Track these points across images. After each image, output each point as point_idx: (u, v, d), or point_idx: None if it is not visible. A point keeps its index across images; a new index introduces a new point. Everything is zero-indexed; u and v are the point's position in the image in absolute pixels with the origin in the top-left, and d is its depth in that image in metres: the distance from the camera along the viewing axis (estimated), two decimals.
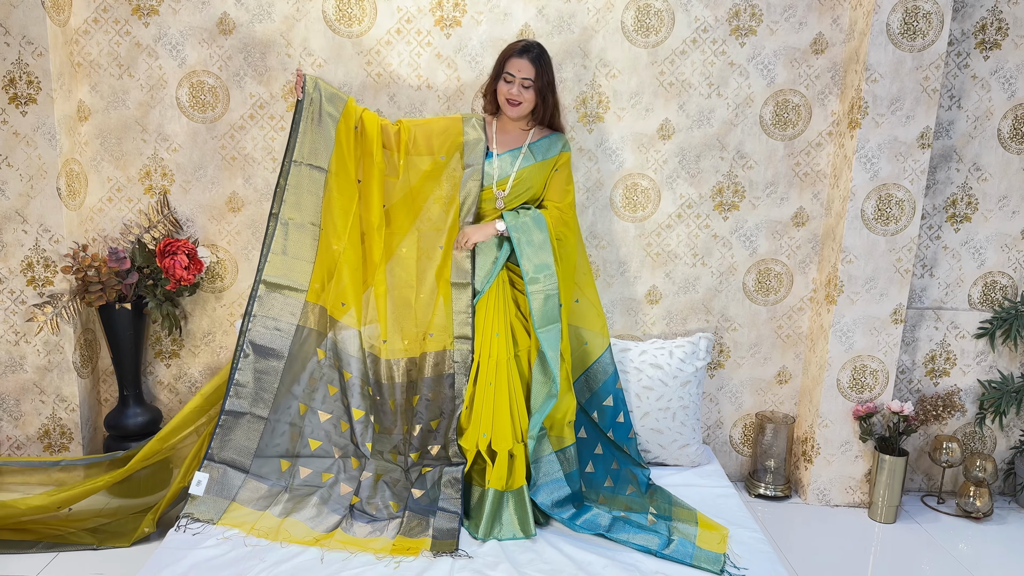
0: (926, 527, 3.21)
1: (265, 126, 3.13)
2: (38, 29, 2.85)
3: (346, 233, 2.74)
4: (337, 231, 2.74)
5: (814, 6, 3.11)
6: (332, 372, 2.75)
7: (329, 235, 2.74)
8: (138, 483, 2.83)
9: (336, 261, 2.74)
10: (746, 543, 2.52)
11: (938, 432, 3.45)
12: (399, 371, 2.80)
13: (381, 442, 2.76)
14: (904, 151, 3.07)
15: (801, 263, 3.34)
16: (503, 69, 2.76)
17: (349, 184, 2.75)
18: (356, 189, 2.77)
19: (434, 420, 2.77)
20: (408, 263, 2.83)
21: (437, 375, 2.77)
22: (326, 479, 2.66)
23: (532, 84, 2.74)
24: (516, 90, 2.75)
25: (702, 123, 3.20)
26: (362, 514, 2.54)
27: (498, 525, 2.50)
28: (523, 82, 2.74)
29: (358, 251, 2.77)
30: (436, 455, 2.72)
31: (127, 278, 2.98)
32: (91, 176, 3.15)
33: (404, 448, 2.77)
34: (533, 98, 2.77)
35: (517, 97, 2.76)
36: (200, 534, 2.39)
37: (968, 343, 3.39)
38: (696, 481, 3.00)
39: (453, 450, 2.70)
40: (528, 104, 2.78)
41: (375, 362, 2.79)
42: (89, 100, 3.09)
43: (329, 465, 2.70)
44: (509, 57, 2.74)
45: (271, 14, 3.05)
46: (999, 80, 3.19)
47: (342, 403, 2.75)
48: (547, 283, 2.71)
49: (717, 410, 3.47)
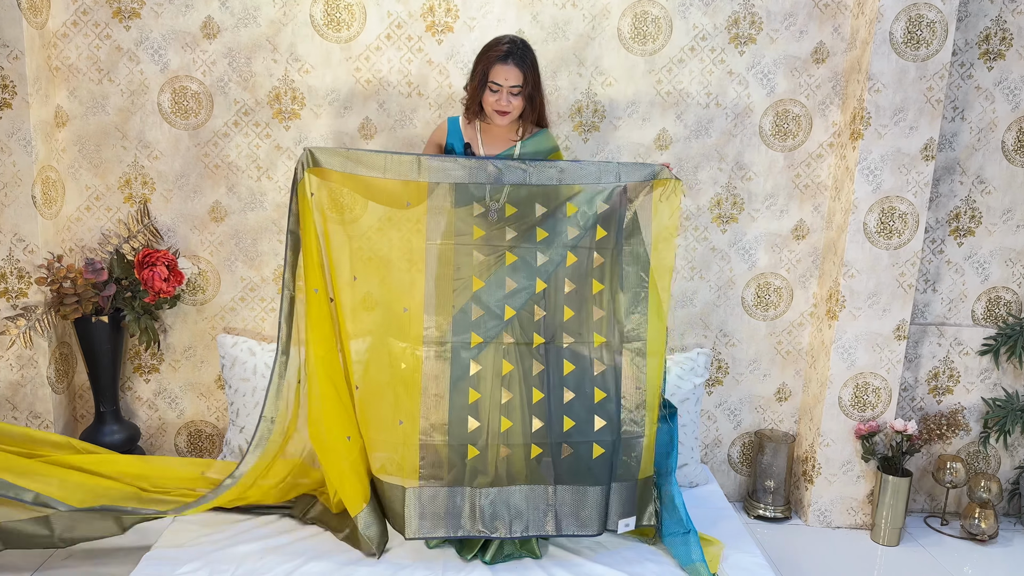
0: (930, 550, 3.12)
1: (250, 133, 3.03)
2: (14, 31, 2.74)
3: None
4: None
5: (815, 14, 3.04)
6: None
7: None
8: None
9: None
10: (745, 567, 2.44)
11: (941, 451, 3.36)
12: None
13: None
14: (907, 163, 3.00)
15: (801, 277, 3.26)
16: (487, 79, 2.49)
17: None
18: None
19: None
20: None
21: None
22: None
23: (521, 90, 2.50)
24: (504, 100, 2.49)
25: (700, 133, 3.12)
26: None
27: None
28: (511, 90, 2.48)
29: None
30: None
31: (104, 290, 2.88)
32: (68, 184, 3.04)
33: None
34: (522, 104, 2.52)
35: (506, 108, 2.51)
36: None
37: (972, 360, 3.31)
38: (694, 502, 2.90)
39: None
40: (518, 111, 2.54)
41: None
42: (67, 105, 2.98)
43: None
44: (492, 65, 2.47)
45: (257, 18, 2.95)
46: (1003, 91, 3.12)
47: None
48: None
49: (715, 428, 3.37)
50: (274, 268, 3.14)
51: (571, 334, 2.46)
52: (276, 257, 3.13)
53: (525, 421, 2.42)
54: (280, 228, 3.10)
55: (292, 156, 3.05)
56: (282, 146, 3.05)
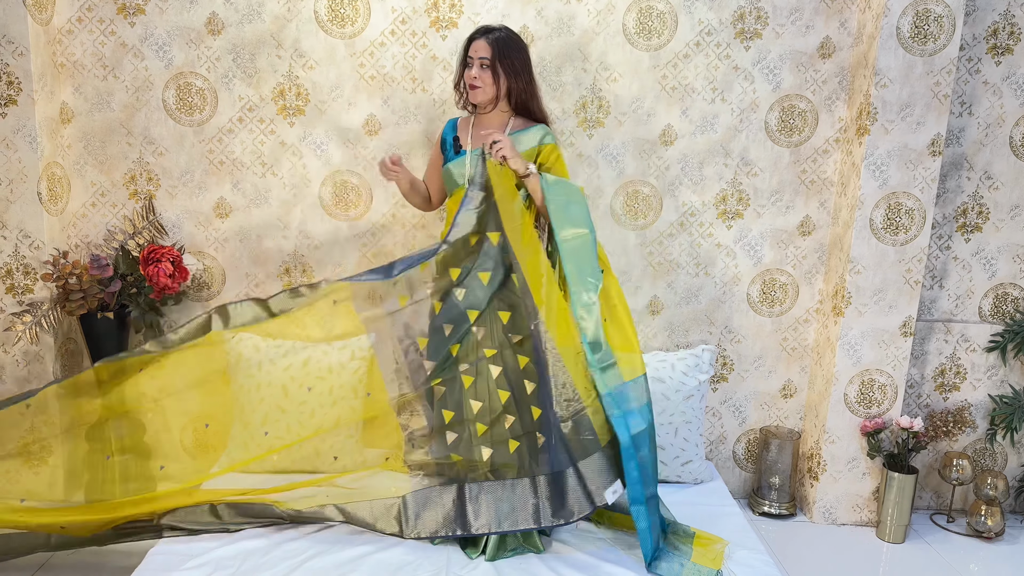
0: (936, 547, 3.11)
1: (254, 130, 3.03)
2: (19, 28, 2.75)
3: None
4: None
5: (821, 9, 3.02)
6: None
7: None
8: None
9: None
10: (749, 563, 2.42)
11: (948, 449, 3.35)
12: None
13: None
14: (914, 159, 2.98)
15: (807, 273, 3.24)
16: (466, 54, 2.57)
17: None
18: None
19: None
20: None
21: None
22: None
23: (489, 64, 2.52)
24: (475, 71, 2.53)
25: (705, 129, 3.10)
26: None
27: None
28: (481, 61, 2.53)
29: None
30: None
31: (109, 286, 2.88)
32: (74, 180, 3.05)
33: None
34: (491, 80, 2.54)
35: (476, 80, 2.54)
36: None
37: (979, 357, 3.30)
38: (698, 499, 2.90)
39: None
40: (488, 87, 2.55)
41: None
42: (72, 102, 2.99)
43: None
44: (469, 42, 2.57)
45: (261, 14, 2.95)
46: (1011, 86, 3.10)
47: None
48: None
49: (720, 425, 3.36)
50: (279, 264, 3.14)
51: (512, 333, 2.51)
52: (280, 253, 3.13)
53: (498, 422, 2.48)
54: (285, 224, 3.10)
55: (297, 152, 3.05)
56: (287, 142, 3.05)
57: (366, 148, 3.07)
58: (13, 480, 2.44)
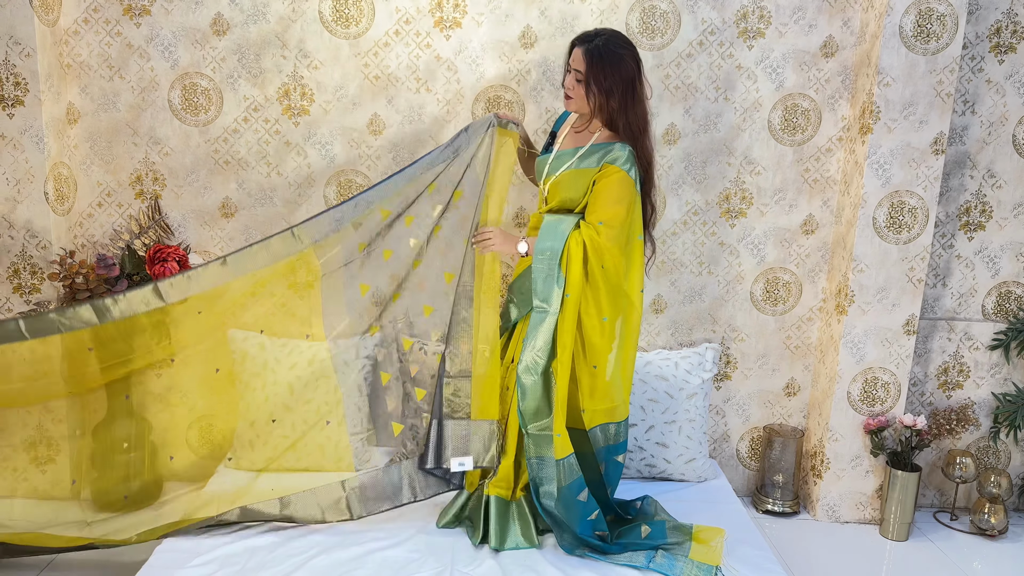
0: (939, 545, 3.11)
1: (259, 130, 3.05)
2: (26, 29, 2.76)
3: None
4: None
5: (824, 8, 3.03)
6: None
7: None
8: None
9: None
10: (753, 561, 2.44)
11: (951, 447, 3.35)
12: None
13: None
14: (917, 157, 2.99)
15: (810, 272, 3.25)
16: (569, 57, 2.46)
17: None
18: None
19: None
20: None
21: None
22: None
23: (583, 79, 2.40)
24: (569, 82, 2.44)
25: (709, 128, 3.11)
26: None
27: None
28: (576, 74, 2.41)
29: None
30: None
31: (116, 285, 2.89)
32: (80, 180, 3.07)
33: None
34: (584, 95, 2.42)
35: (570, 91, 2.45)
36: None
37: (982, 355, 3.30)
38: (702, 497, 2.92)
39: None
40: (579, 100, 2.44)
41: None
42: (79, 102, 3.00)
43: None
44: (573, 47, 2.44)
45: (266, 15, 2.96)
46: (1014, 84, 3.10)
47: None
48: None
49: (724, 423, 3.37)
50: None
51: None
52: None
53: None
54: (289, 223, 3.11)
55: (301, 152, 3.07)
56: (291, 142, 3.07)
57: (370, 148, 3.08)
58: (21, 478, 2.48)
